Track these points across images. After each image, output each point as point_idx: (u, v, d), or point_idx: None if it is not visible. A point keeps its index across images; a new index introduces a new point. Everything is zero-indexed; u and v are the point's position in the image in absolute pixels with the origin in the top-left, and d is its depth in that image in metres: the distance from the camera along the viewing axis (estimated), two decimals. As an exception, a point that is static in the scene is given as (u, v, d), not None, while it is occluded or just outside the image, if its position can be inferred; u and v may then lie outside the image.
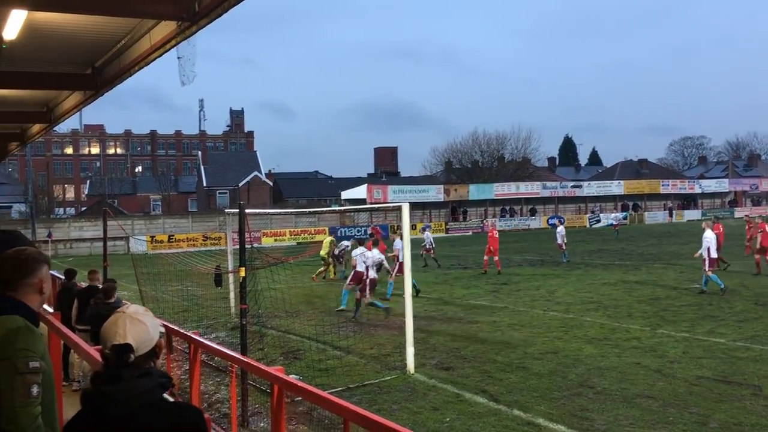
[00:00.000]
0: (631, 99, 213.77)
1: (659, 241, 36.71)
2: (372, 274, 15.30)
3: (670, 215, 64.04)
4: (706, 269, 16.62)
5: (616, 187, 65.99)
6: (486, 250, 23.86)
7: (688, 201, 70.55)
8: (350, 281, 15.95)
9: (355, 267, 15.82)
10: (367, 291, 15.17)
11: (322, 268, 22.75)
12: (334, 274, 23.01)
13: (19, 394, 2.60)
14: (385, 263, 16.29)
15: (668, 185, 68.34)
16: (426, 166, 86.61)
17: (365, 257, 15.51)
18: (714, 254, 16.84)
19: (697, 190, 69.78)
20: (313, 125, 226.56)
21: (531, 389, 8.82)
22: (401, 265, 16.39)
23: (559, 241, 26.29)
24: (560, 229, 26.68)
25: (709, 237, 16.77)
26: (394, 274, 17.28)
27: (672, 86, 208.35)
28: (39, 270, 2.92)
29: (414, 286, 14.62)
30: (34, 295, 2.90)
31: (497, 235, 24.44)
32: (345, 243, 24.29)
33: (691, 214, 65.71)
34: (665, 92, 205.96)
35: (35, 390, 2.67)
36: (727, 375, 9.13)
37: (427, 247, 26.09)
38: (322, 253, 22.83)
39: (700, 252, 17.04)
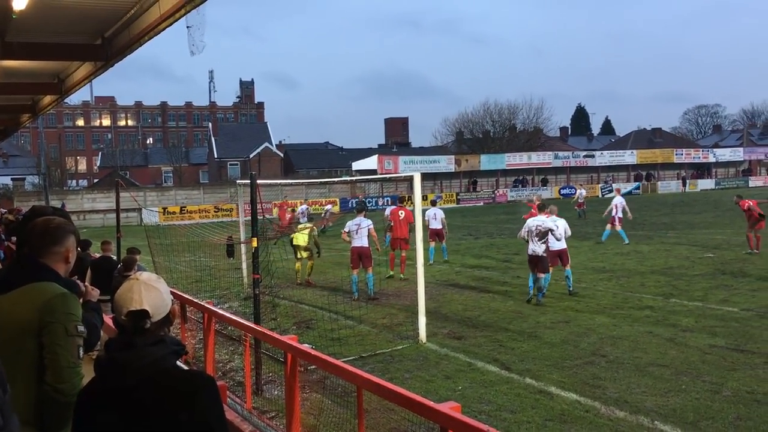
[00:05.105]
0: (642, 67, 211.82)
1: (672, 211, 36.48)
2: (534, 247, 12.49)
3: (684, 185, 63.50)
4: (616, 225, 21.64)
5: (629, 157, 65.41)
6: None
7: (702, 170, 69.85)
8: (351, 263, 13.73)
9: (347, 240, 13.73)
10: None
11: (309, 262, 16.42)
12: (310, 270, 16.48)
13: (70, 354, 2.72)
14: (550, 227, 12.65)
15: (682, 154, 67.66)
16: (437, 136, 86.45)
17: (359, 226, 13.54)
18: (620, 214, 21.84)
19: (711, 159, 68.98)
20: (321, 96, 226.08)
21: (543, 358, 8.85)
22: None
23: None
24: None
25: (617, 201, 22.18)
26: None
27: (685, 54, 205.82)
28: (67, 239, 2.97)
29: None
30: (61, 264, 2.94)
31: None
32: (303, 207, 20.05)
33: (705, 184, 65.17)
34: (678, 60, 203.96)
35: (81, 352, 2.80)
36: (740, 344, 9.10)
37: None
38: (304, 243, 16.30)
39: (607, 212, 22.52)
